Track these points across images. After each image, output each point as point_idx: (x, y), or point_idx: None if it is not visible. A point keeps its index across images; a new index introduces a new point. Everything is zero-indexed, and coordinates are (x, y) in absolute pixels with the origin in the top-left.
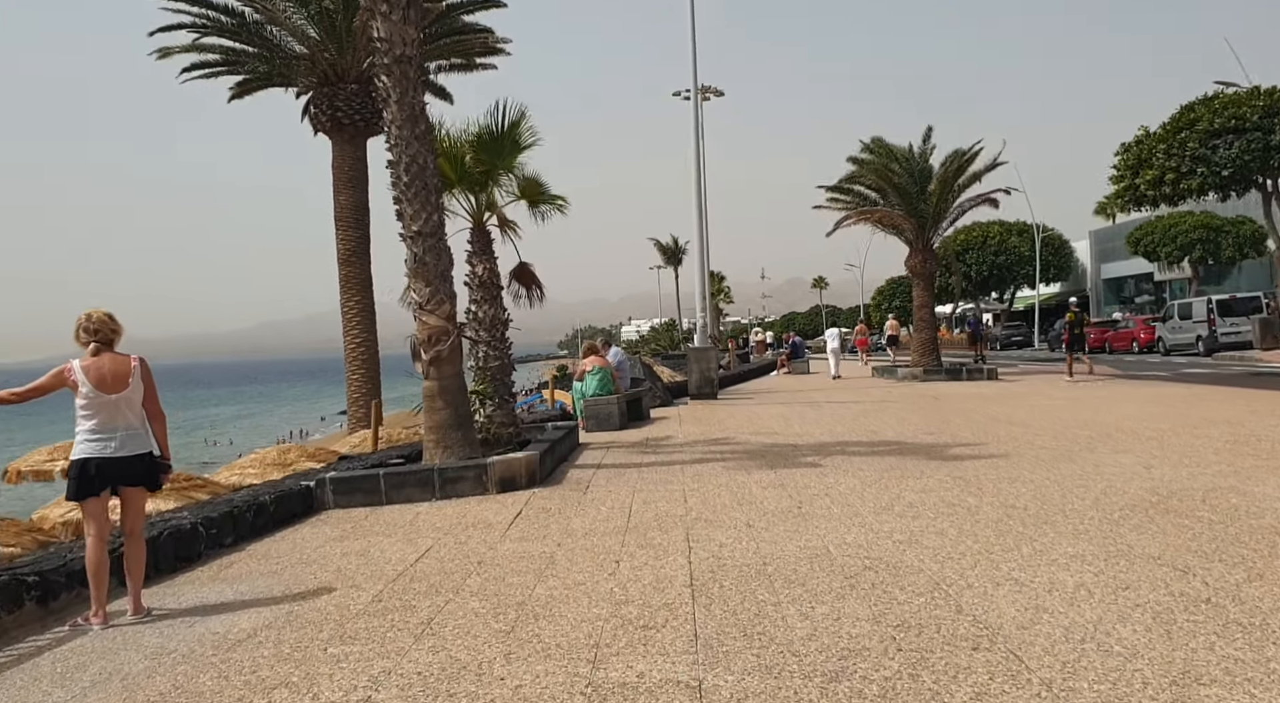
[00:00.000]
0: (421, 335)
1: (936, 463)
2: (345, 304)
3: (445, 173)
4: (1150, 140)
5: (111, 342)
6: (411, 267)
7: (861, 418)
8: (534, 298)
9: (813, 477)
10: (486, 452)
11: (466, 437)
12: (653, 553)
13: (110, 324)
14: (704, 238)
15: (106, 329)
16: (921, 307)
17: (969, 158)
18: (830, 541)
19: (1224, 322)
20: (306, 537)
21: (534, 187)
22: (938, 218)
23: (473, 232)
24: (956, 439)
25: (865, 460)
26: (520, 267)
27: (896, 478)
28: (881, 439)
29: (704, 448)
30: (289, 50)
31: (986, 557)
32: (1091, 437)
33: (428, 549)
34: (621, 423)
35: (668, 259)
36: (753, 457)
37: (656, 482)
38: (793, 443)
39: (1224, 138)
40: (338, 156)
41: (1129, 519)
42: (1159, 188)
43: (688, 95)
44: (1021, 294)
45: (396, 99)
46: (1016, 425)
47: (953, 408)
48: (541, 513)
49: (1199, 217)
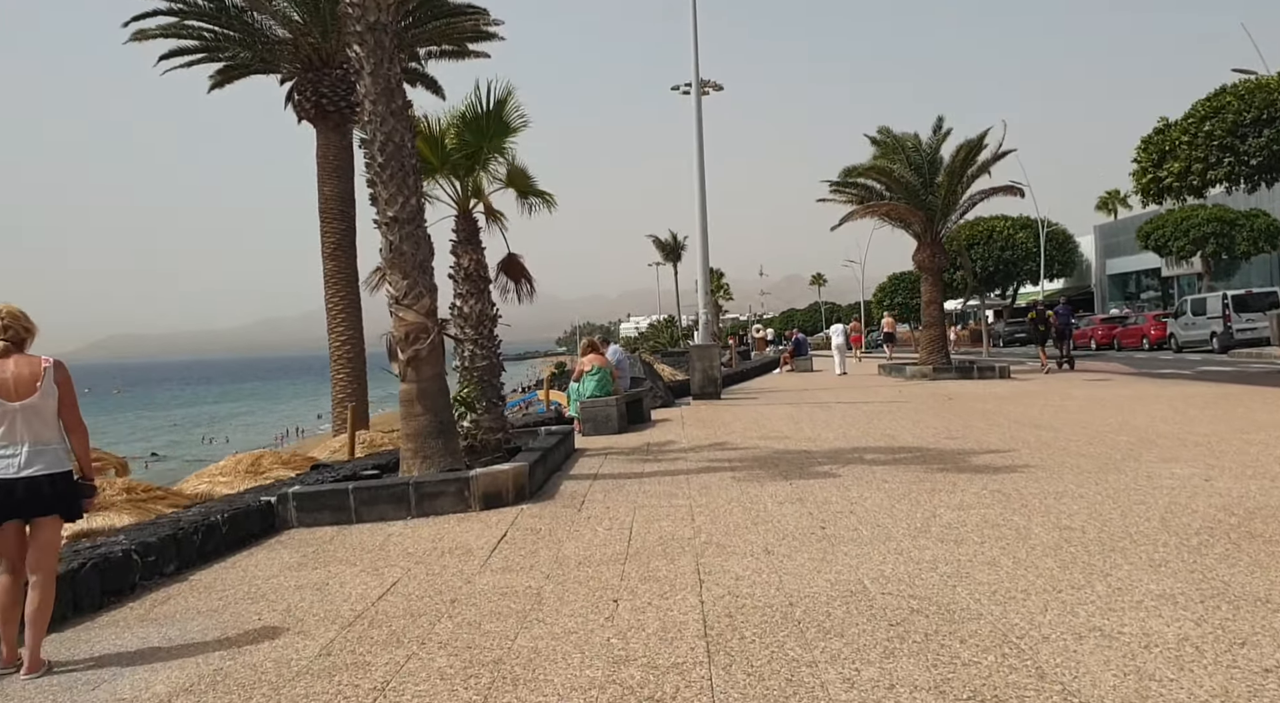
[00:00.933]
0: (398, 333)
1: (968, 474)
2: (330, 300)
3: (426, 156)
4: (1173, 131)
5: (23, 342)
6: (387, 256)
7: (875, 420)
8: (523, 292)
9: (833, 490)
10: (472, 461)
11: (448, 446)
12: (658, 589)
13: (22, 321)
14: (705, 233)
15: (19, 326)
16: (930, 302)
17: (977, 147)
18: (865, 573)
19: (1240, 317)
20: (261, 563)
21: (522, 176)
22: (947, 210)
23: (457, 220)
24: (983, 445)
25: (888, 470)
26: (509, 258)
27: (927, 492)
28: (901, 445)
29: (710, 454)
30: (271, 35)
31: (1055, 596)
32: (1131, 442)
33: (395, 582)
34: (621, 426)
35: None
36: (764, 465)
37: (660, 495)
38: (805, 449)
39: (1253, 126)
40: (322, 145)
41: (1211, 547)
42: (1185, 179)
43: (687, 89)
44: (1024, 291)
45: (370, 71)
46: (1044, 429)
47: (969, 409)
48: (529, 535)
49: (1212, 210)
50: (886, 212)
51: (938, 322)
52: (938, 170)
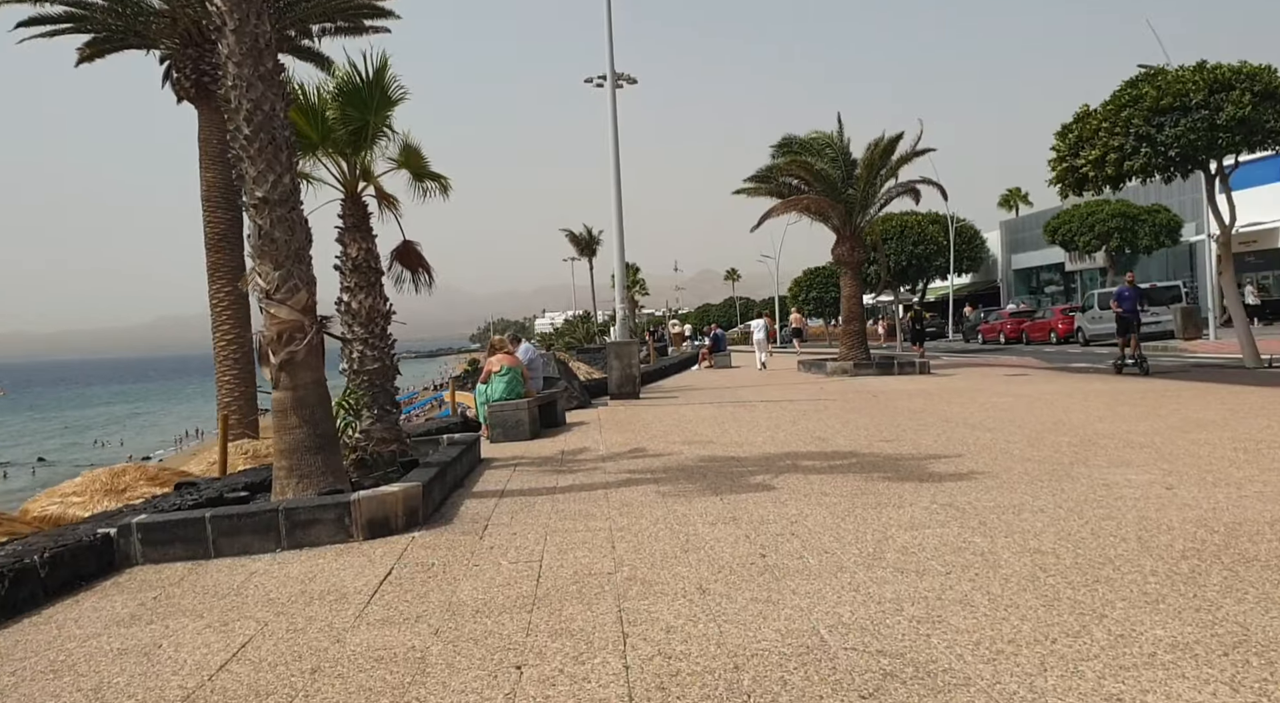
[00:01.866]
0: (269, 332)
1: (913, 484)
2: (215, 296)
3: (304, 130)
4: (1093, 118)
5: None
6: (256, 244)
7: (802, 420)
8: (420, 283)
9: (769, 505)
10: (361, 478)
11: (329, 463)
12: (572, 648)
13: None
14: (621, 227)
15: None
16: (850, 297)
17: (894, 142)
18: (819, 618)
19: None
20: (83, 617)
21: (416, 156)
22: (865, 203)
23: (344, 204)
24: (921, 448)
25: (826, 480)
26: (404, 246)
27: (873, 507)
28: (835, 449)
29: (630, 463)
30: (146, 5)
31: (1050, 649)
32: (1073, 444)
33: (245, 643)
34: (533, 431)
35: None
36: (690, 476)
37: (575, 516)
38: (733, 454)
39: (1169, 116)
40: (204, 128)
41: (1207, 575)
42: (1101, 169)
43: (600, 82)
44: (932, 286)
45: (234, 28)
46: (980, 429)
47: (897, 407)
48: (419, 572)
49: (1115, 205)
50: (806, 205)
51: (858, 316)
52: (855, 164)
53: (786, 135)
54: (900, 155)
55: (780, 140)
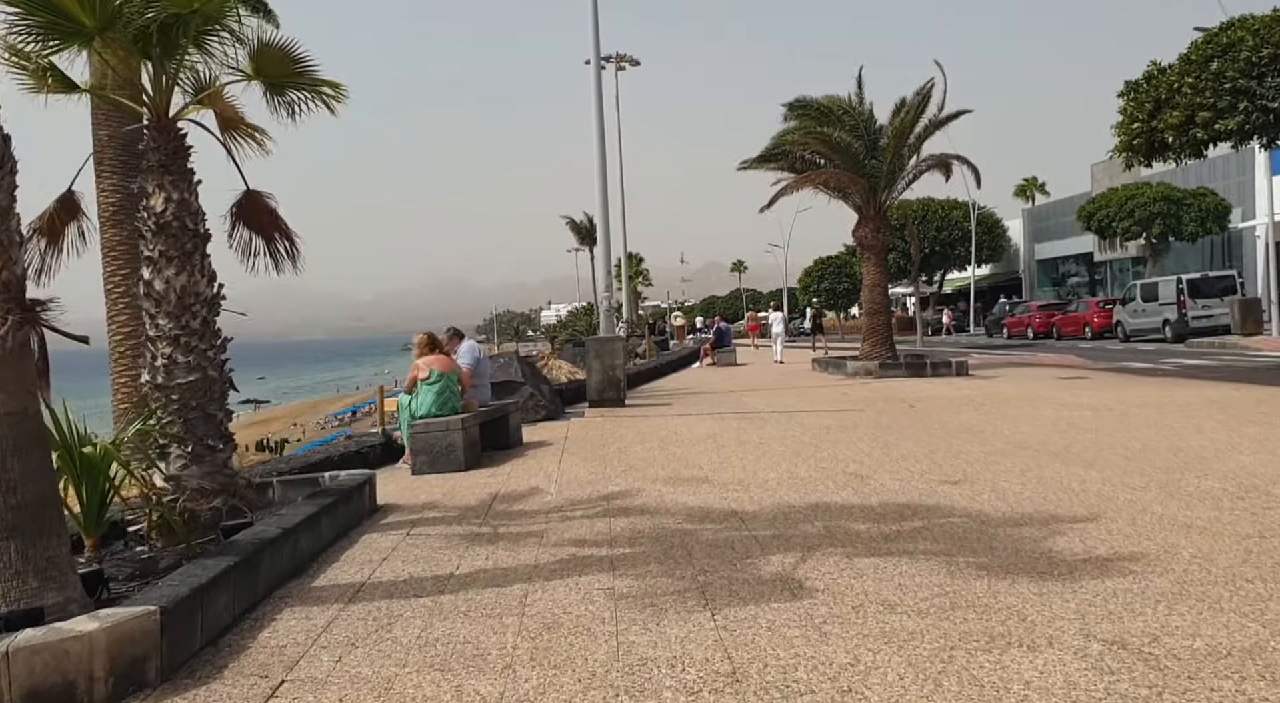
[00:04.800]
0: None
1: (1030, 583)
2: (110, 279)
3: (63, 4)
4: (1169, 75)
5: None
6: None
7: (827, 444)
8: (279, 255)
9: (797, 638)
10: (160, 553)
11: (32, 552)
12: None
13: None
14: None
15: None
16: (874, 285)
17: (924, 102)
18: None
19: (1195, 304)
20: None
21: (280, 59)
22: (891, 178)
23: (149, 132)
24: (1009, 500)
25: (884, 571)
26: (248, 198)
27: (983, 647)
28: (882, 500)
29: (582, 526)
30: None
31: None
32: (1230, 492)
33: None
34: (470, 459)
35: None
36: (667, 557)
37: (448, 661)
38: (735, 507)
39: (1271, 65)
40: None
41: None
42: (1186, 132)
43: (602, 63)
44: (950, 277)
45: None
46: (1076, 464)
47: (945, 423)
48: None
49: (1158, 189)
50: (824, 181)
51: (882, 308)
52: (879, 132)
53: (800, 96)
54: (930, 119)
55: (793, 100)
